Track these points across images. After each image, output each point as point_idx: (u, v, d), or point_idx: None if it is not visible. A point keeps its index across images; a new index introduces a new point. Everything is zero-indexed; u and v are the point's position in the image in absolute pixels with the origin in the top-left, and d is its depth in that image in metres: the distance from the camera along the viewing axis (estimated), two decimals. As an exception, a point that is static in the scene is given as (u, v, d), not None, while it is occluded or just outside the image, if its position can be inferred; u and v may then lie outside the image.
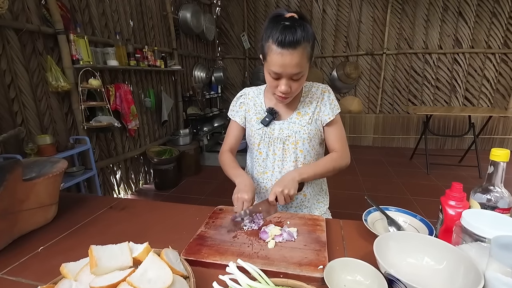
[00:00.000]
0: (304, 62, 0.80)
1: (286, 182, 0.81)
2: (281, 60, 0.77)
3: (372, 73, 4.46)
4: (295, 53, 0.76)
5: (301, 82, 0.84)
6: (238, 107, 1.04)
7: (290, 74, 0.80)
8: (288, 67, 0.78)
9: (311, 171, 0.88)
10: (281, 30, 0.75)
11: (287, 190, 0.79)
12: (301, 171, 0.86)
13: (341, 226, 0.81)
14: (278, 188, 0.79)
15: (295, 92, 0.86)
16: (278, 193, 0.79)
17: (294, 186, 0.81)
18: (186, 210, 0.93)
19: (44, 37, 1.88)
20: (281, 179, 0.84)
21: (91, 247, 0.50)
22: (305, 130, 0.94)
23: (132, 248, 0.55)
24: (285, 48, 0.75)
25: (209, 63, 4.60)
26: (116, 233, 0.80)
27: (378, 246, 0.56)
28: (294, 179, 0.83)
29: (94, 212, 0.93)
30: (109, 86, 2.35)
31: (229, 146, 1.04)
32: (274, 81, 0.84)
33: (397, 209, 0.77)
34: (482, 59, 3.97)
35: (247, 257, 0.63)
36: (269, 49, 0.79)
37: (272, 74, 0.82)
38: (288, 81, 0.82)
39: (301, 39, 0.75)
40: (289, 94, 0.86)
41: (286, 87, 0.83)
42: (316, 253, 0.65)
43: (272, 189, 0.81)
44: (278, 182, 0.82)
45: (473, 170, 3.15)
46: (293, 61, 0.77)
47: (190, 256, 0.64)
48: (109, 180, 2.55)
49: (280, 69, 0.79)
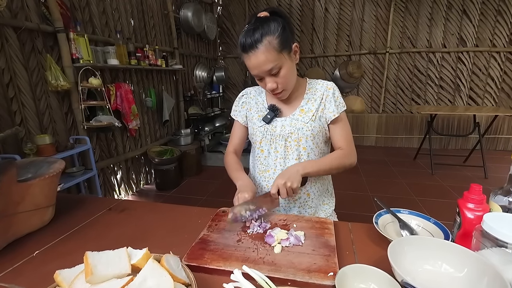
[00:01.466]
0: (273, 56, 0.79)
1: (289, 175, 0.79)
2: (250, 63, 0.81)
3: (375, 72, 4.41)
4: (258, 52, 0.78)
5: (284, 75, 0.83)
6: (240, 107, 1.03)
7: (265, 72, 0.81)
8: (259, 66, 0.80)
9: (315, 166, 0.85)
10: (242, 37, 0.80)
11: (290, 183, 0.77)
12: (305, 165, 0.84)
13: (350, 229, 0.77)
14: (280, 180, 0.77)
15: (284, 86, 0.86)
16: (281, 186, 0.76)
17: (297, 179, 0.79)
18: (188, 212, 0.89)
19: (43, 35, 1.85)
20: (284, 171, 0.82)
21: (87, 253, 0.46)
22: (308, 127, 0.91)
23: (130, 254, 0.52)
24: (248, 52, 0.80)
25: (211, 62, 4.57)
26: (115, 236, 0.76)
27: (392, 251, 0.53)
28: (297, 172, 0.81)
29: (93, 214, 0.89)
30: (109, 86, 2.32)
31: (233, 147, 1.04)
32: (261, 82, 0.87)
33: (410, 212, 0.74)
34: (487, 57, 3.92)
35: (252, 263, 0.60)
36: (242, 56, 0.84)
37: (256, 77, 0.86)
38: (270, 77, 0.84)
39: (259, 37, 0.77)
40: (278, 89, 0.86)
41: (271, 84, 0.84)
42: (326, 258, 0.61)
43: (274, 182, 0.78)
44: (281, 174, 0.80)
45: (478, 170, 3.10)
46: (259, 59, 0.79)
47: (192, 262, 0.61)
48: (109, 181, 2.52)
49: (255, 70, 0.82)
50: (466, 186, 2.40)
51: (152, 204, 0.99)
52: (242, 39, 0.80)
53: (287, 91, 0.88)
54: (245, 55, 0.81)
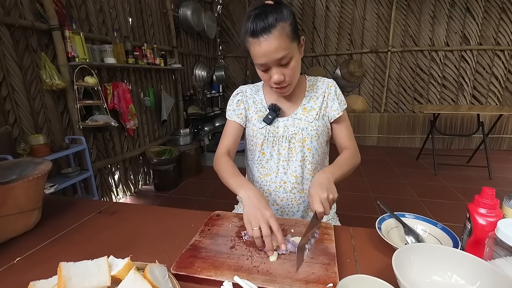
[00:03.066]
0: (286, 43, 0.73)
1: (326, 185, 0.67)
2: (260, 49, 0.73)
3: (377, 71, 4.36)
4: (272, 37, 0.71)
5: (293, 66, 0.77)
6: (236, 106, 0.95)
7: (275, 61, 0.74)
8: (270, 54, 0.72)
9: (339, 170, 0.78)
10: (252, 20, 0.72)
11: (332, 194, 0.66)
12: (332, 171, 0.75)
13: (351, 234, 0.73)
14: (323, 194, 0.64)
15: (291, 79, 0.79)
16: (324, 200, 0.64)
17: (334, 188, 0.70)
18: (180, 215, 0.85)
19: (38, 33, 1.81)
20: (317, 183, 0.68)
21: (61, 264, 0.42)
22: (312, 126, 0.86)
23: (112, 263, 0.47)
24: (260, 36, 0.71)
25: (210, 61, 4.53)
26: (102, 241, 0.72)
27: (397, 260, 0.48)
28: (330, 180, 0.70)
29: (82, 217, 0.85)
30: (106, 85, 2.28)
31: (226, 148, 0.91)
32: (265, 74, 0.79)
33: (415, 216, 0.69)
34: (491, 56, 3.86)
35: (245, 272, 0.56)
36: (248, 43, 0.75)
37: (260, 67, 0.77)
38: (278, 68, 0.76)
39: (273, 21, 0.70)
40: (284, 82, 0.79)
41: (278, 76, 0.77)
42: (325, 267, 0.57)
43: (314, 198, 0.64)
44: (317, 187, 0.66)
45: (482, 170, 3.04)
46: (272, 45, 0.71)
47: (181, 271, 0.56)
48: (107, 181, 2.49)
49: (263, 59, 0.74)
50: (470, 187, 2.35)
51: (144, 206, 0.95)
52: (252, 23, 0.71)
53: (292, 86, 0.83)
54: (253, 40, 0.73)
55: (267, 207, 0.65)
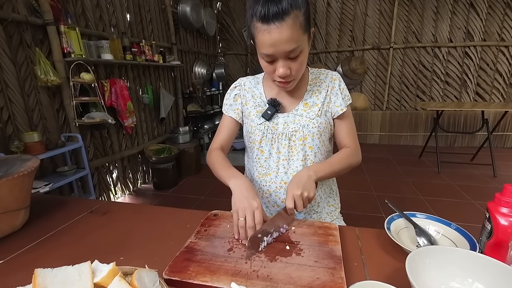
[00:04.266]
0: (299, 34, 0.66)
1: (303, 183, 0.67)
2: (269, 38, 0.64)
3: (379, 68, 4.30)
4: (284, 26, 0.63)
5: (301, 60, 0.71)
6: (233, 100, 0.91)
7: (284, 53, 0.67)
8: (280, 44, 0.65)
9: (326, 169, 0.74)
10: (263, 3, 0.63)
11: (307, 193, 0.66)
12: (316, 169, 0.73)
13: (358, 235, 0.68)
14: (296, 191, 0.65)
15: (297, 74, 0.74)
16: (297, 197, 0.65)
17: (313, 187, 0.68)
18: (176, 215, 0.81)
19: (32, 28, 1.77)
20: (296, 179, 0.69)
21: (36, 271, 0.38)
22: (314, 123, 0.81)
23: (96, 269, 0.43)
24: (271, 23, 0.63)
25: (210, 59, 4.48)
26: (91, 243, 0.68)
27: (411, 265, 0.43)
28: (310, 178, 0.69)
29: (72, 217, 0.81)
30: (103, 81, 2.24)
31: (219, 144, 0.90)
32: (270, 66, 0.72)
33: (427, 216, 0.64)
34: (495, 52, 3.79)
35: (244, 277, 0.51)
36: (255, 29, 0.66)
37: (266, 58, 0.70)
38: (285, 61, 0.69)
39: (288, 7, 0.62)
40: (290, 77, 0.73)
41: (284, 69, 0.70)
42: (330, 272, 0.52)
43: (288, 193, 0.66)
44: (294, 183, 0.68)
45: (487, 168, 2.99)
46: (284, 35, 0.64)
47: (175, 276, 0.52)
48: (105, 180, 2.45)
49: (271, 49, 0.66)
50: (475, 185, 2.30)
51: (137, 206, 0.90)
52: (264, 6, 0.62)
53: (296, 81, 0.77)
54: (262, 26, 0.64)
55: (255, 198, 0.65)
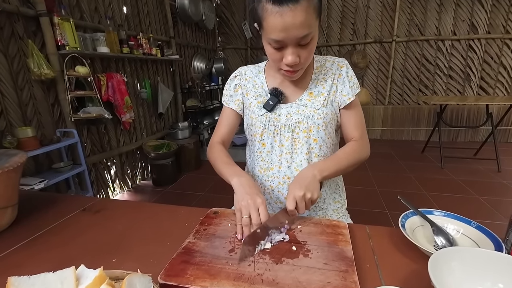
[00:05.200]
0: (312, 19, 0.60)
1: (306, 183, 0.62)
2: (281, 22, 0.58)
3: (381, 62, 4.23)
4: (298, 9, 0.57)
5: (311, 48, 0.66)
6: (233, 90, 0.86)
7: (296, 39, 0.61)
8: (292, 29, 0.59)
9: (332, 167, 0.69)
10: None
11: (310, 194, 0.60)
12: (321, 167, 0.67)
13: (369, 234, 0.63)
14: (298, 192, 0.60)
15: (305, 62, 0.68)
16: (299, 199, 0.59)
17: (317, 187, 0.63)
18: (174, 212, 0.76)
19: (24, 19, 1.70)
20: (299, 179, 0.64)
21: (9, 280, 0.33)
22: (319, 114, 0.76)
23: (81, 275, 0.38)
24: (284, 5, 0.57)
25: (209, 53, 4.40)
26: (82, 243, 0.63)
27: (435, 268, 0.39)
28: (315, 178, 0.64)
29: (63, 215, 0.76)
30: (100, 75, 2.18)
31: (220, 137, 0.85)
32: (277, 53, 0.66)
33: (445, 213, 0.60)
34: (500, 45, 3.72)
35: (247, 282, 0.46)
36: (264, 11, 0.60)
37: (273, 44, 0.64)
38: (295, 48, 0.63)
39: None
40: (298, 66, 0.67)
41: (294, 57, 0.64)
42: (342, 275, 0.47)
43: (289, 194, 0.61)
44: (296, 183, 0.63)
45: (490, 163, 2.95)
46: (297, 19, 0.58)
47: (171, 280, 0.47)
48: (102, 176, 2.40)
49: (282, 34, 0.60)
50: (479, 180, 2.25)
51: (133, 203, 0.86)
52: None
53: (303, 70, 0.72)
54: (274, 8, 0.58)
55: (259, 194, 0.62)
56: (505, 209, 2.09)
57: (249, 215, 0.58)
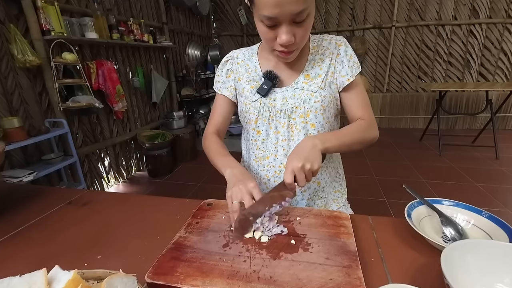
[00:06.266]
0: None
1: (306, 153, 0.56)
2: None
3: (380, 49, 4.14)
4: None
5: (307, 26, 0.60)
6: (225, 76, 0.80)
7: (290, 15, 0.56)
8: (286, 4, 0.54)
9: (334, 139, 0.63)
10: None
11: (310, 164, 0.55)
12: (323, 138, 0.61)
13: (372, 225, 0.60)
14: (297, 162, 0.55)
15: (301, 42, 0.63)
16: (298, 170, 0.54)
17: (318, 157, 0.57)
18: (165, 205, 0.72)
19: (4, 2, 1.60)
20: (297, 148, 0.59)
21: (-36, 287, 0.28)
22: (317, 97, 0.70)
23: (54, 278, 0.34)
24: None
25: (204, 40, 4.27)
26: (65, 239, 0.59)
27: (448, 263, 0.35)
28: (315, 147, 0.58)
29: (47, 209, 0.72)
30: (89, 63, 2.09)
31: (215, 127, 0.81)
32: (270, 31, 0.60)
33: (454, 203, 0.56)
34: (501, 30, 3.64)
35: (242, 280, 0.43)
36: None
37: (266, 21, 0.58)
38: (290, 26, 0.58)
39: None
40: (293, 46, 0.62)
41: (288, 36, 0.59)
42: (345, 271, 0.44)
43: (288, 165, 0.56)
44: (295, 153, 0.58)
45: (488, 150, 2.93)
46: None
47: (159, 279, 0.43)
48: (96, 168, 2.35)
49: (275, 9, 0.55)
50: (477, 167, 2.22)
51: (122, 195, 0.81)
52: None
53: (299, 50, 0.66)
54: None
55: (251, 179, 0.59)
56: (504, 196, 2.09)
57: (240, 201, 0.54)
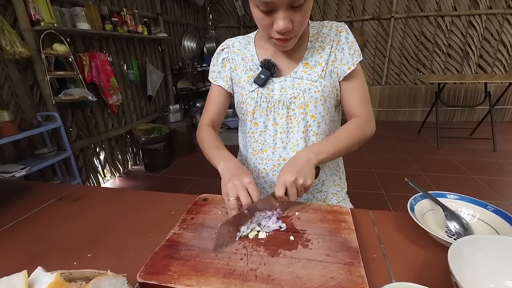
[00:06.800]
0: None
1: (299, 167, 0.55)
2: None
3: (379, 40, 4.09)
4: None
5: (306, 11, 0.57)
6: (221, 66, 0.77)
7: (287, 0, 0.53)
8: None
9: (331, 149, 0.61)
10: None
11: (302, 179, 0.54)
12: (318, 149, 0.60)
13: (373, 219, 0.58)
14: (289, 176, 0.53)
15: (299, 28, 0.60)
16: (290, 184, 0.53)
17: (311, 172, 0.56)
18: (160, 200, 0.69)
19: (-9, -10, 1.54)
20: (291, 162, 0.58)
21: None
22: (317, 86, 0.68)
23: (35, 281, 0.31)
24: None
25: (200, 32, 4.19)
26: (54, 237, 0.56)
27: (456, 259, 0.33)
28: (309, 161, 0.57)
29: (36, 205, 0.69)
30: (81, 55, 2.03)
31: (209, 119, 0.78)
32: (266, 18, 0.57)
33: (459, 196, 0.54)
34: (500, 21, 3.60)
35: (239, 279, 0.41)
36: None
37: (262, 6, 0.55)
38: (287, 12, 0.55)
39: None
40: (291, 32, 0.59)
41: (286, 22, 0.56)
42: (347, 269, 0.42)
43: (279, 178, 0.55)
44: (288, 167, 0.56)
45: (486, 143, 2.94)
46: None
47: (151, 278, 0.41)
48: (91, 162, 2.31)
49: None
50: (475, 160, 2.21)
51: (115, 191, 0.79)
52: None
53: (297, 38, 0.63)
54: None
55: (246, 173, 0.56)
56: (501, 188, 2.09)
57: (237, 197, 0.52)
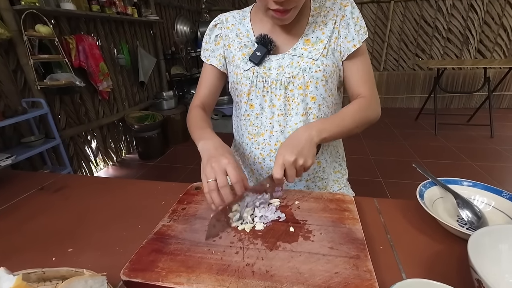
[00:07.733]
0: None
1: (300, 146, 0.51)
2: None
3: (378, 25, 3.98)
4: None
5: None
6: (214, 43, 0.71)
7: None
8: None
9: (333, 128, 0.56)
10: None
11: (303, 160, 0.50)
12: (321, 127, 0.55)
13: (378, 208, 0.54)
14: (289, 156, 0.49)
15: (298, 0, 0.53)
16: (289, 165, 0.49)
17: (312, 153, 0.51)
18: (149, 189, 0.65)
19: (-37, -35, 1.42)
20: (291, 140, 0.53)
21: None
22: (318, 65, 0.62)
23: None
24: None
25: (194, 15, 4.03)
26: (33, 230, 0.52)
27: (476, 251, 0.29)
28: (311, 140, 0.52)
29: (15, 196, 0.64)
30: (67, 37, 1.92)
31: (200, 100, 0.73)
32: None
33: (472, 183, 0.50)
34: (502, 4, 3.51)
35: (234, 275, 0.37)
36: None
37: None
38: None
39: None
40: (290, 3, 0.53)
41: None
42: (353, 262, 0.38)
43: (278, 158, 0.50)
44: (288, 145, 0.52)
45: (483, 129, 2.92)
46: None
47: (136, 276, 0.37)
48: (83, 151, 2.24)
49: None
50: (472, 146, 2.18)
51: (100, 179, 0.74)
52: None
53: (297, 10, 0.57)
54: None
55: (224, 154, 0.51)
56: (499, 174, 2.09)
57: (215, 179, 0.48)
